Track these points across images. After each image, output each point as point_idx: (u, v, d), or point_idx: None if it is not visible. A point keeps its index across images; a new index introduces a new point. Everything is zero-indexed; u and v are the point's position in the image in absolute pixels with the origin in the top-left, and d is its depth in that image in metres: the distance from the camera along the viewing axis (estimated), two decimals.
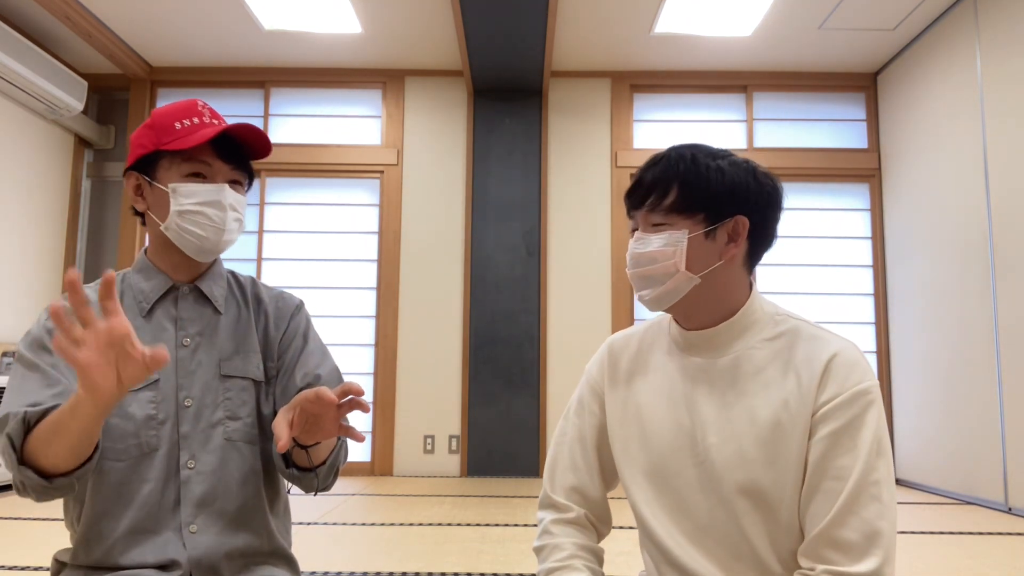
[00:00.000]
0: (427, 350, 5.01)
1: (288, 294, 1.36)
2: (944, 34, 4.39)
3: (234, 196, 1.22)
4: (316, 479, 1.21)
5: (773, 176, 1.09)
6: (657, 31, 4.65)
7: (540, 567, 1.13)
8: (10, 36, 4.27)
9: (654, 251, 1.04)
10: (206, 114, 1.22)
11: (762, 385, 1.03)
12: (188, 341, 1.22)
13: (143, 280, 1.24)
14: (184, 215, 1.18)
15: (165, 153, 1.19)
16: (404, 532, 3.10)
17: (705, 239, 1.04)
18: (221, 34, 4.78)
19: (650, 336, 1.18)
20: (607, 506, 1.19)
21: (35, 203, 4.89)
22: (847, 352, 1.01)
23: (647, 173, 1.07)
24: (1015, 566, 2.64)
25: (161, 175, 1.20)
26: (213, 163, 1.20)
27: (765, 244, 1.09)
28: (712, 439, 1.03)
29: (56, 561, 1.20)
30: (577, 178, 5.16)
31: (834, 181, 5.20)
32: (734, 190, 1.04)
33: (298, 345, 1.30)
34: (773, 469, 0.99)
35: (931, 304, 4.46)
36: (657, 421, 1.09)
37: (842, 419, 0.97)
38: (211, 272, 1.28)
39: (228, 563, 1.16)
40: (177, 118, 1.20)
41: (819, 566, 0.94)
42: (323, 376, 1.28)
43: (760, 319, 1.08)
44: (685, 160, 1.05)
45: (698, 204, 1.03)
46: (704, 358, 1.08)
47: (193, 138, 1.17)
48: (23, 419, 1.02)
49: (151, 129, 1.20)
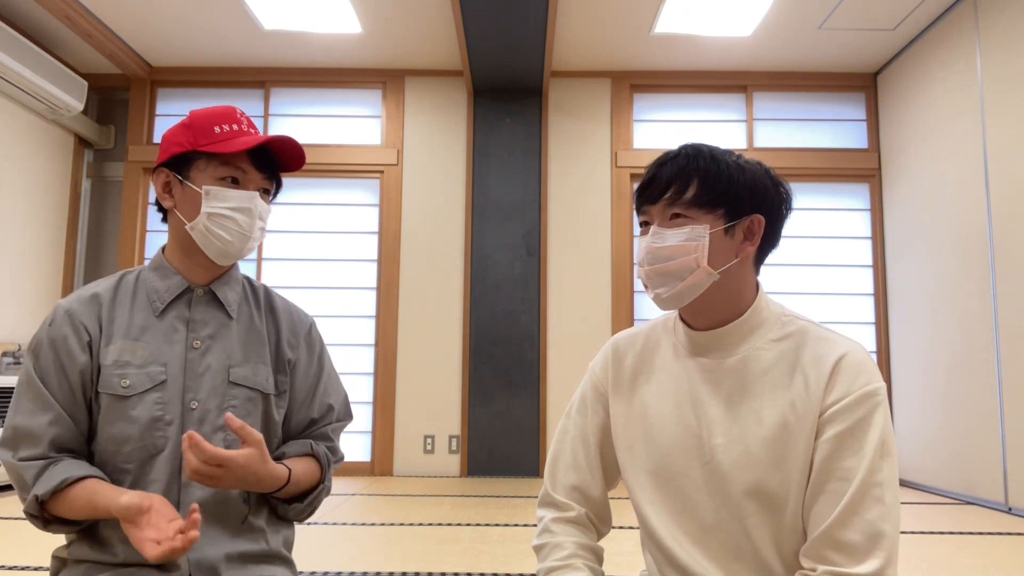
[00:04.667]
0: (427, 350, 5.01)
1: (300, 310, 1.38)
2: (944, 34, 4.39)
3: (262, 205, 1.24)
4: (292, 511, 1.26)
5: (782, 178, 1.10)
6: (657, 31, 4.65)
7: (540, 565, 1.12)
8: (10, 36, 4.27)
9: (674, 246, 1.02)
10: (244, 122, 1.25)
11: (769, 386, 1.03)
12: (199, 344, 1.22)
13: (159, 279, 1.25)
14: (213, 218, 1.20)
15: (202, 155, 1.21)
16: (404, 532, 3.10)
17: (724, 235, 1.03)
18: (221, 34, 4.78)
19: (655, 335, 1.17)
20: (608, 505, 1.19)
21: (35, 203, 4.89)
22: (855, 353, 1.00)
23: (663, 168, 1.05)
24: (1015, 566, 2.64)
25: (195, 175, 1.21)
26: (248, 170, 1.23)
27: (772, 244, 1.09)
28: (719, 440, 1.03)
29: (56, 559, 1.21)
30: (577, 178, 5.16)
31: (834, 181, 5.20)
32: (753, 188, 1.04)
33: (314, 372, 1.33)
34: (780, 470, 0.99)
35: (931, 304, 4.46)
36: (663, 422, 1.09)
37: (849, 421, 0.96)
38: (227, 276, 1.29)
39: (227, 564, 1.17)
40: (217, 122, 1.22)
41: (820, 567, 0.94)
42: (336, 408, 1.34)
43: (767, 319, 1.07)
44: (704, 156, 1.04)
45: (719, 199, 1.02)
46: (711, 359, 1.07)
47: (234, 144, 1.20)
48: (36, 499, 1.10)
49: (189, 129, 1.22)
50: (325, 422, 1.33)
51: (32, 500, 1.10)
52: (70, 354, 1.16)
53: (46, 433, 1.12)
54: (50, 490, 1.09)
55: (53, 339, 1.17)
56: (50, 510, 1.12)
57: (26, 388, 1.15)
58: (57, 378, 1.15)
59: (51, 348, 1.16)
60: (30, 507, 1.11)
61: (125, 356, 1.17)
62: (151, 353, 1.19)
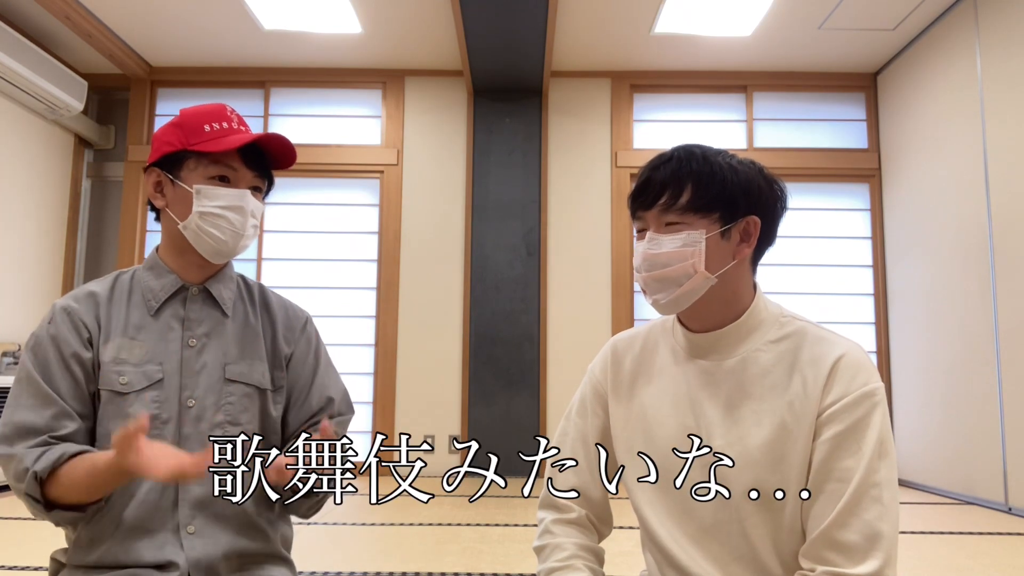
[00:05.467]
0: (427, 350, 5.01)
1: (295, 305, 1.37)
2: (944, 34, 4.39)
3: (254, 203, 1.23)
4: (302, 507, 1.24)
5: (777, 177, 1.09)
6: (657, 31, 4.65)
7: (540, 567, 1.13)
8: (10, 36, 4.27)
9: (670, 252, 1.02)
10: (234, 120, 1.24)
11: (768, 387, 1.03)
12: (194, 342, 1.22)
13: (153, 278, 1.24)
14: (205, 217, 1.19)
15: (192, 154, 1.20)
16: (404, 532, 3.10)
17: (721, 239, 1.03)
18: (221, 34, 4.78)
19: (653, 337, 1.17)
20: (608, 507, 1.19)
21: (35, 203, 4.89)
22: (853, 353, 1.00)
23: (656, 172, 1.04)
24: (1015, 566, 2.64)
25: (185, 175, 1.21)
26: (239, 168, 1.22)
27: (768, 243, 1.09)
28: (718, 441, 1.03)
29: (54, 560, 1.21)
30: (577, 178, 5.16)
31: (834, 181, 5.19)
32: (748, 189, 1.03)
33: (311, 365, 1.33)
34: (778, 471, 0.99)
35: (931, 304, 4.46)
36: (662, 424, 1.09)
37: (847, 421, 0.96)
38: (221, 274, 1.29)
39: (226, 563, 1.17)
40: (207, 120, 1.21)
41: (819, 567, 0.94)
42: (336, 400, 1.33)
43: (765, 320, 1.07)
44: (696, 158, 1.03)
45: (714, 203, 1.02)
46: (710, 361, 1.07)
47: (223, 142, 1.19)
48: (35, 477, 1.06)
49: (179, 128, 1.21)
50: (327, 415, 1.32)
51: (31, 479, 1.06)
52: (72, 350, 1.15)
53: (48, 427, 1.11)
54: (48, 466, 1.06)
55: (54, 336, 1.16)
56: (50, 494, 1.08)
57: (25, 385, 1.13)
58: (60, 373, 1.14)
59: (52, 344, 1.15)
60: (29, 487, 1.07)
61: (123, 354, 1.17)
62: (147, 352, 1.19)
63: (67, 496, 1.08)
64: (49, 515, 1.10)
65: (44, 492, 1.08)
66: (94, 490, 1.08)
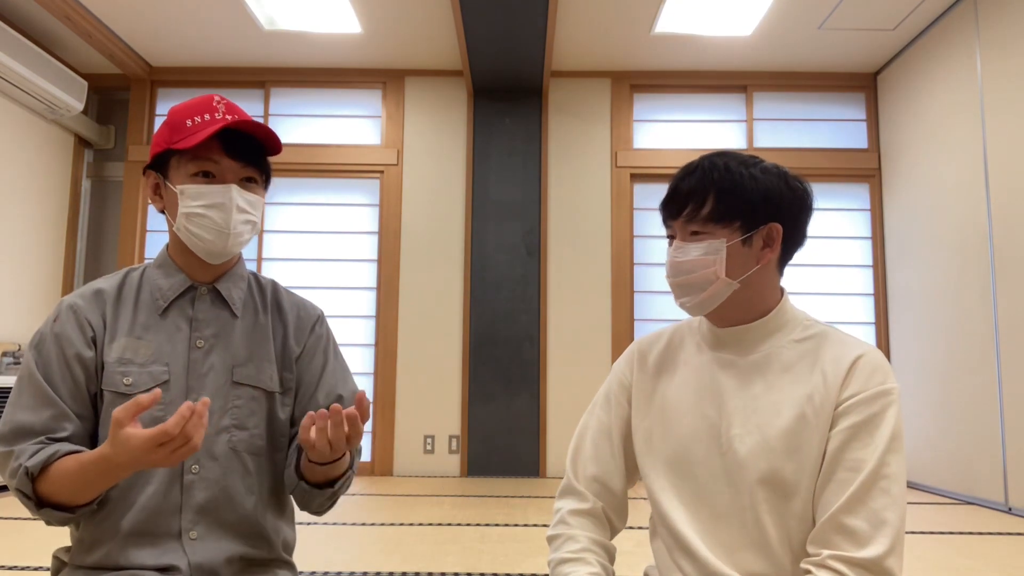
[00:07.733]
0: (427, 350, 5.01)
1: (309, 303, 1.33)
2: (944, 34, 4.39)
3: (244, 196, 1.17)
4: (321, 497, 1.20)
5: (803, 180, 1.12)
6: (657, 31, 4.65)
7: (552, 556, 1.15)
8: (10, 36, 4.27)
9: (693, 260, 1.08)
10: (220, 109, 1.17)
11: (789, 380, 1.07)
12: (202, 343, 1.20)
13: (162, 277, 1.22)
14: (190, 217, 1.16)
15: (174, 152, 1.16)
16: (404, 532, 3.10)
17: (742, 246, 1.07)
18: (221, 34, 4.78)
19: (680, 334, 1.22)
20: (626, 501, 1.22)
21: (35, 203, 4.89)
22: (872, 355, 1.05)
23: (682, 183, 1.10)
24: (1015, 566, 2.64)
25: (172, 175, 1.17)
26: (221, 161, 1.15)
27: (796, 246, 1.13)
28: (736, 430, 1.06)
29: (56, 559, 1.20)
30: (577, 178, 5.16)
31: (834, 181, 5.19)
32: (768, 197, 1.07)
33: (319, 362, 1.28)
34: (794, 459, 1.02)
35: (931, 304, 4.46)
36: (682, 411, 1.12)
37: (863, 414, 1.00)
38: (231, 273, 1.25)
39: (228, 568, 1.16)
40: (190, 115, 1.16)
41: (825, 551, 0.97)
42: (345, 397, 1.27)
43: (790, 321, 1.11)
44: (719, 169, 1.08)
45: (734, 213, 1.07)
46: (733, 354, 1.12)
47: (196, 136, 1.13)
48: (27, 472, 1.05)
49: (166, 127, 1.18)
50: None
51: (23, 474, 1.04)
52: (75, 349, 1.13)
53: (46, 428, 1.09)
54: (40, 462, 1.04)
55: (57, 334, 1.14)
56: (40, 491, 1.06)
57: (27, 383, 1.12)
58: (61, 373, 1.12)
59: (55, 343, 1.13)
60: (20, 483, 1.05)
61: (128, 354, 1.15)
62: (154, 352, 1.16)
63: (57, 494, 1.06)
64: (40, 512, 1.08)
65: (35, 489, 1.06)
66: (84, 487, 1.05)
